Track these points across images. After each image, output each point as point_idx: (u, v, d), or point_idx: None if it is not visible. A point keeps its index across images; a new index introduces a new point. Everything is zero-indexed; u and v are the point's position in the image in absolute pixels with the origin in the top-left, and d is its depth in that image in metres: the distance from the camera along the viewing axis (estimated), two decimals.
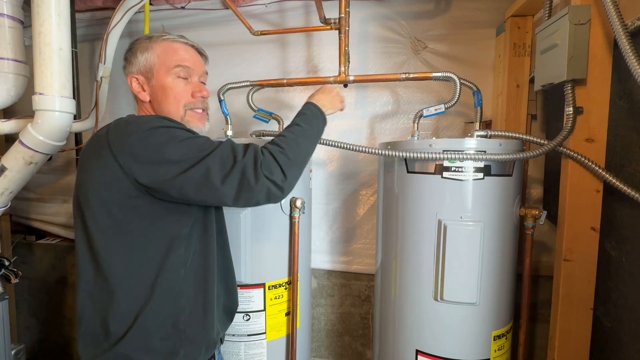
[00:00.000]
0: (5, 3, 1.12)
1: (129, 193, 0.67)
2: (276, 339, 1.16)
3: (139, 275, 0.70)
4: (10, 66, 1.15)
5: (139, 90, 0.81)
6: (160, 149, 0.66)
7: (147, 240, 0.70)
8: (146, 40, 0.81)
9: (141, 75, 0.80)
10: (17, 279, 1.32)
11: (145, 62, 0.80)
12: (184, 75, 0.80)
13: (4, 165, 1.10)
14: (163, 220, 0.71)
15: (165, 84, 0.79)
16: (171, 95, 0.79)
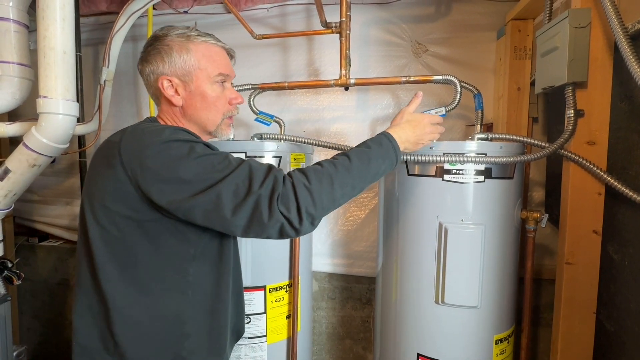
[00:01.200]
0: (11, 8, 1.14)
1: (135, 206, 0.63)
2: (277, 341, 1.16)
3: (138, 295, 0.66)
4: (15, 70, 1.16)
5: (172, 94, 0.74)
6: (173, 165, 0.61)
7: (150, 258, 0.66)
8: (182, 39, 0.73)
9: (176, 77, 0.73)
10: (20, 281, 1.33)
11: (183, 64, 0.73)
12: (223, 82, 0.77)
13: (8, 167, 1.11)
14: (169, 239, 0.66)
15: (205, 91, 0.74)
16: (212, 103, 0.75)
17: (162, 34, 0.74)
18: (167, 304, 0.67)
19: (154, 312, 0.66)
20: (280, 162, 1.13)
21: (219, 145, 1.12)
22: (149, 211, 0.64)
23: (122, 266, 0.66)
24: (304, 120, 1.56)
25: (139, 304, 0.66)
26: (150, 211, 0.64)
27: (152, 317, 0.66)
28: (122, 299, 0.66)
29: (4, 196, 1.15)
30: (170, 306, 0.67)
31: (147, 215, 0.64)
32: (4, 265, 1.31)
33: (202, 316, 0.71)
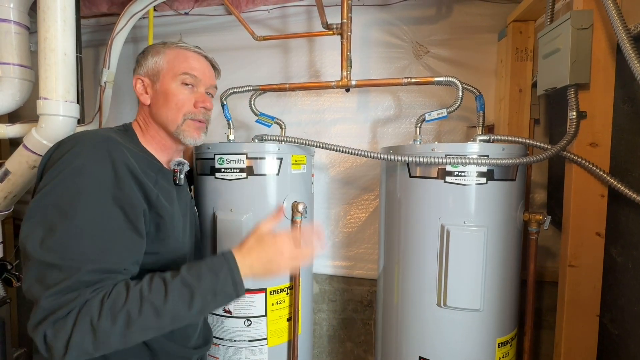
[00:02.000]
0: (12, 9, 1.14)
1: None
2: (277, 344, 1.15)
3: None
4: (16, 71, 1.16)
5: (142, 92, 0.79)
6: (48, 209, 0.56)
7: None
8: (160, 45, 0.80)
9: (147, 77, 0.79)
10: (19, 283, 1.33)
11: (154, 65, 0.78)
12: (191, 84, 0.78)
13: (8, 169, 1.11)
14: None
15: (168, 89, 0.77)
16: (172, 101, 0.76)
17: (152, 46, 0.81)
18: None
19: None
20: (282, 163, 1.12)
21: (220, 147, 1.12)
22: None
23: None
24: (304, 122, 1.56)
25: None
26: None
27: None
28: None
29: (3, 198, 1.14)
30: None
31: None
32: (3, 268, 1.31)
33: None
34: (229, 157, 1.09)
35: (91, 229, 0.57)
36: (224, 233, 1.08)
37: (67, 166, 0.59)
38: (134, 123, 0.81)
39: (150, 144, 0.79)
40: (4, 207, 1.18)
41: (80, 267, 0.55)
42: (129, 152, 0.67)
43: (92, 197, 0.58)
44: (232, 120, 1.30)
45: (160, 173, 0.75)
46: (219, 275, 0.59)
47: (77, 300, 0.54)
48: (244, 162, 1.08)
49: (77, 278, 0.55)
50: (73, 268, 0.55)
